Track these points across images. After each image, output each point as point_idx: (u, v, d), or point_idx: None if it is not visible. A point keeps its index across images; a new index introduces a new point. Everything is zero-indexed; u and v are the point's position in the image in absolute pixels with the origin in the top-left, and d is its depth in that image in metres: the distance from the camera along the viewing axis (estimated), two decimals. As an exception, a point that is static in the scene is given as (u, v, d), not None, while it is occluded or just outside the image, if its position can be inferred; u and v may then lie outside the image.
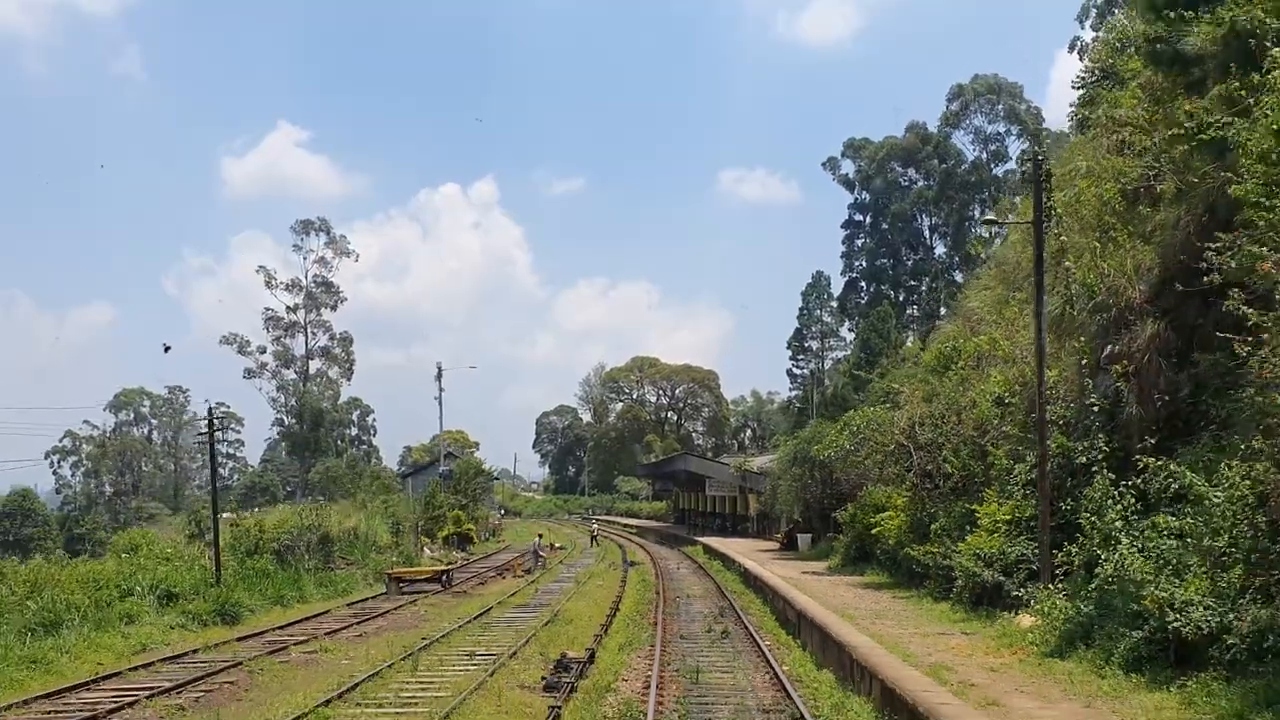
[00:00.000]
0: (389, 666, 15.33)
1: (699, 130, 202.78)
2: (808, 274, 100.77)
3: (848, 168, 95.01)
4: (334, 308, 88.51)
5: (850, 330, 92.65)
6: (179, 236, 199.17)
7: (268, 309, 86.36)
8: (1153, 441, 12.67)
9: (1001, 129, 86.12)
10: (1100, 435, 13.97)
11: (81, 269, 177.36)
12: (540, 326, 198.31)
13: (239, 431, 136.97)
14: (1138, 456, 12.25)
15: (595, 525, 62.26)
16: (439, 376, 63.21)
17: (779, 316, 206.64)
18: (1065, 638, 11.93)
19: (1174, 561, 10.57)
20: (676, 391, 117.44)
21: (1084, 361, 14.33)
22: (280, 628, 21.28)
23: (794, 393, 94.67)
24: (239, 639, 19.42)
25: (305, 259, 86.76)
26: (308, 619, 22.88)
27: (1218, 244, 10.15)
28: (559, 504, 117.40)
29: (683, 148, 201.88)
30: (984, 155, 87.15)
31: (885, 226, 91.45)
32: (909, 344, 49.59)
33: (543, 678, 13.87)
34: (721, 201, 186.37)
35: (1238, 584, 9.55)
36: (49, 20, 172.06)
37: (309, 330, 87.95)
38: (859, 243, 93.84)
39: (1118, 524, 12.38)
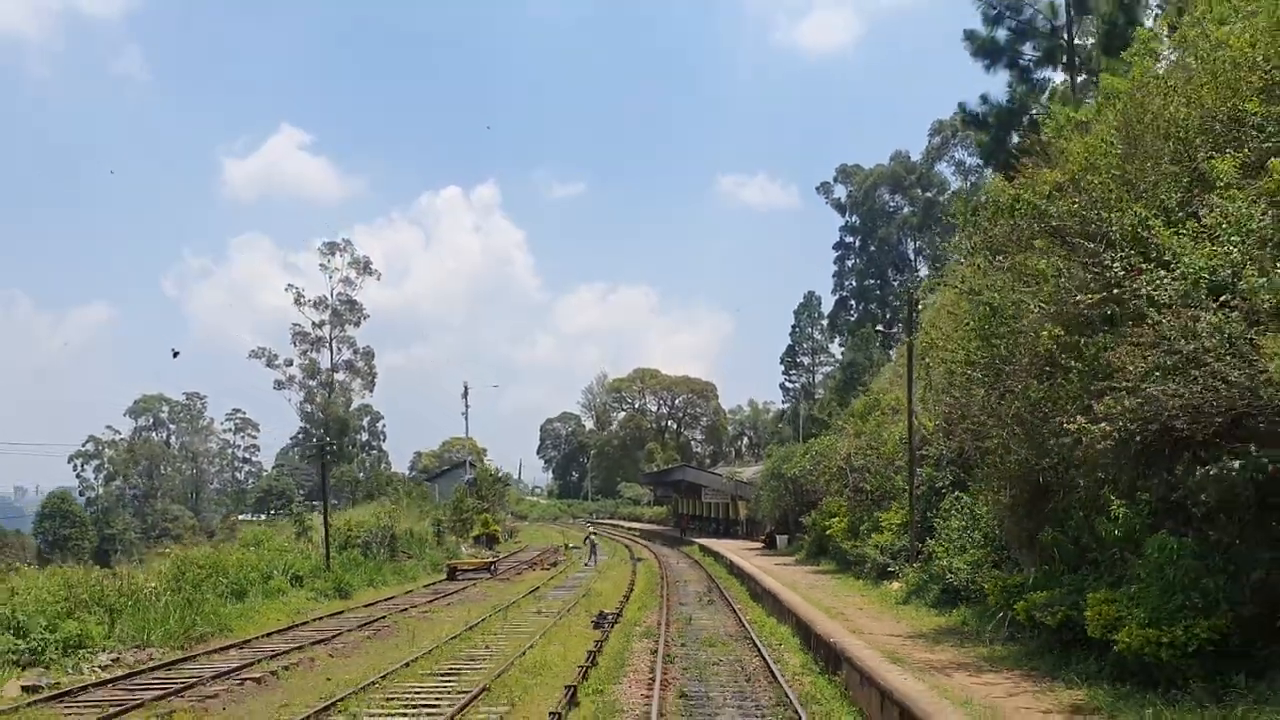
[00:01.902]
0: (485, 619, 23.79)
1: (699, 135, 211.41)
2: (807, 279, 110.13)
3: (840, 192, 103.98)
4: (357, 324, 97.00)
5: (840, 346, 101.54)
6: (179, 237, 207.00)
7: (295, 324, 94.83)
8: (965, 475, 21.15)
9: (981, 162, 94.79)
10: (949, 470, 22.46)
11: (81, 269, 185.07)
12: (540, 328, 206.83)
13: (255, 437, 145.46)
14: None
15: (591, 529, 55.26)
16: (465, 394, 71.96)
17: (778, 319, 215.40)
18: (910, 593, 20.47)
19: (958, 545, 19.03)
20: (676, 401, 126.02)
21: (941, 419, 22.79)
22: (385, 600, 29.76)
23: (786, 405, 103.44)
24: (364, 606, 27.88)
25: (330, 277, 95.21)
26: (400, 595, 31.35)
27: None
28: (563, 508, 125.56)
29: (683, 153, 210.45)
30: (965, 186, 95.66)
31: (873, 249, 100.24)
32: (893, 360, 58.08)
33: (591, 621, 22.32)
34: (721, 207, 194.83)
35: (982, 558, 18.01)
36: (52, 23, 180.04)
37: (334, 345, 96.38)
38: (849, 263, 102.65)
39: (954, 525, 20.82)
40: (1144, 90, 13.00)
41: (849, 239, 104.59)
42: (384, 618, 24.71)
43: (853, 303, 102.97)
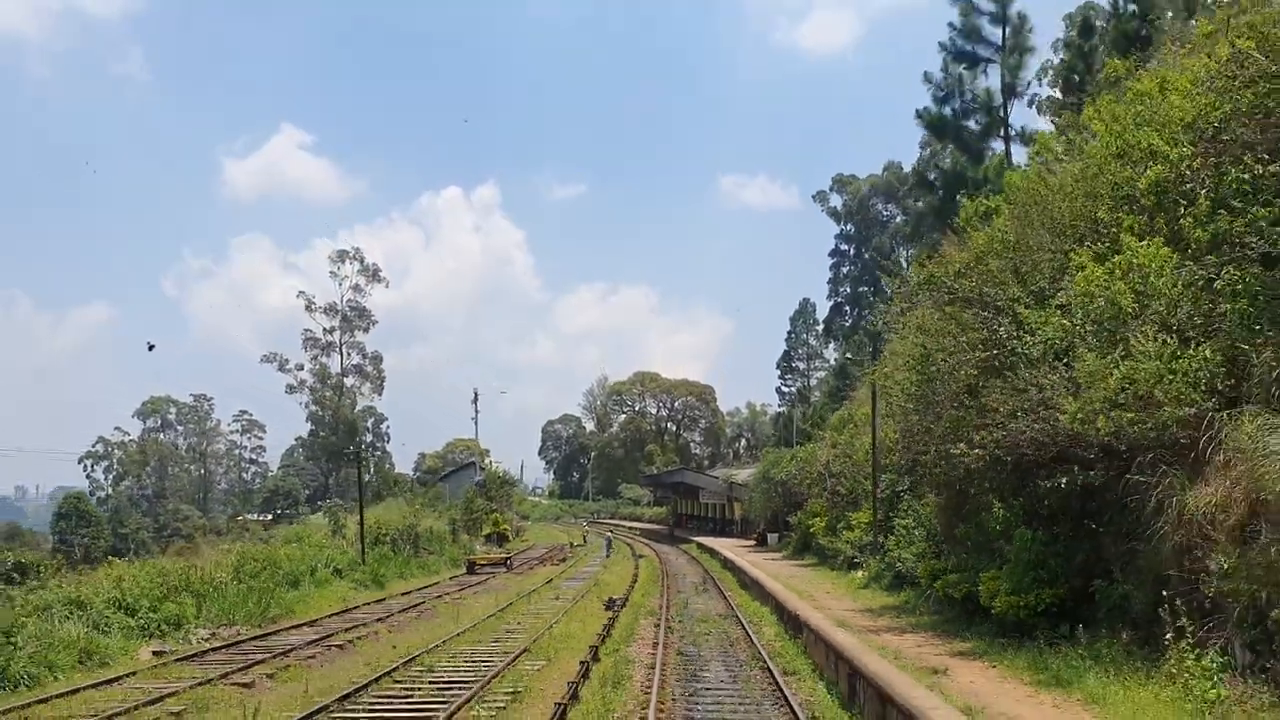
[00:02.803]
0: (512, 604, 28.02)
1: (700, 136, 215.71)
2: (806, 279, 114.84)
3: (835, 200, 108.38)
4: (366, 329, 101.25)
5: (835, 351, 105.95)
6: (179, 237, 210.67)
7: (306, 330, 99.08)
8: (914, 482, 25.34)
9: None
10: (905, 477, 26.68)
11: (81, 269, 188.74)
12: (540, 328, 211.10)
13: (261, 438, 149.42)
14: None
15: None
16: (475, 400, 76.06)
17: (778, 320, 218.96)
18: (870, 579, 24.74)
19: (907, 540, 23.26)
20: (676, 404, 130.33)
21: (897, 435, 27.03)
22: (418, 589, 33.99)
23: (782, 409, 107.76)
24: (400, 594, 32.10)
25: (341, 285, 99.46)
26: (429, 586, 35.56)
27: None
28: (564, 509, 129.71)
29: (683, 153, 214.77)
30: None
31: (868, 256, 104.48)
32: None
33: (603, 605, 26.55)
34: (722, 207, 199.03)
35: (924, 550, 22.24)
36: (52, 23, 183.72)
37: (344, 350, 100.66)
38: (844, 270, 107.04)
39: (905, 523, 25.04)
40: (1034, 189, 17.25)
41: (844, 246, 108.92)
42: (423, 603, 28.96)
43: (847, 308, 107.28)
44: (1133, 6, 34.88)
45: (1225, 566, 10.61)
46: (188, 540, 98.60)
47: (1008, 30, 32.85)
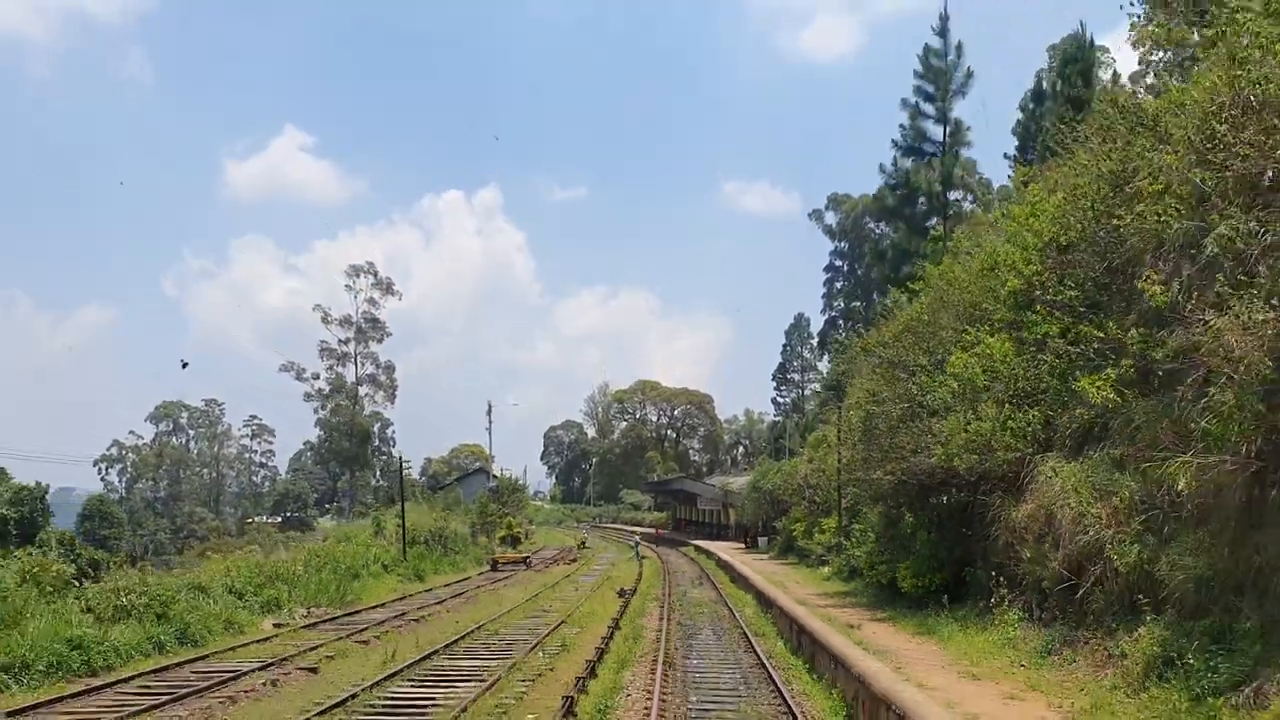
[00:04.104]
0: (540, 593, 34.43)
1: (701, 141, 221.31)
2: (807, 285, 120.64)
3: (830, 219, 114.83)
4: (380, 340, 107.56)
5: (828, 364, 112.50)
6: (179, 238, 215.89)
7: (322, 341, 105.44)
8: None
9: (959, 195, 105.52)
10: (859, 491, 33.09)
11: (81, 269, 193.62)
12: (541, 331, 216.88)
13: (271, 442, 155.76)
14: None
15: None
16: (489, 412, 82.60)
17: (778, 325, 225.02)
18: (833, 573, 31.23)
19: (860, 541, 29.69)
20: (675, 412, 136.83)
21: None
22: (456, 582, 40.43)
23: (778, 418, 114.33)
24: (443, 586, 38.53)
25: (356, 298, 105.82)
26: (463, 580, 42.00)
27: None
28: (566, 513, 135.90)
29: (685, 158, 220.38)
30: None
31: (860, 273, 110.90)
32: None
33: (616, 593, 32.98)
34: (723, 212, 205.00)
35: (872, 549, 28.68)
36: (55, 24, 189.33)
37: (358, 360, 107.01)
38: (838, 286, 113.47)
39: (860, 528, 31.45)
40: (943, 280, 23.72)
41: (838, 263, 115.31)
42: (466, 592, 35.44)
43: (841, 323, 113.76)
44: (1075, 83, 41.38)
45: (1028, 556, 17.03)
46: (203, 541, 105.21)
47: (948, 130, 39.81)
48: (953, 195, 42.79)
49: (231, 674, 17.95)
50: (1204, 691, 10.12)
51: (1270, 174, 11.05)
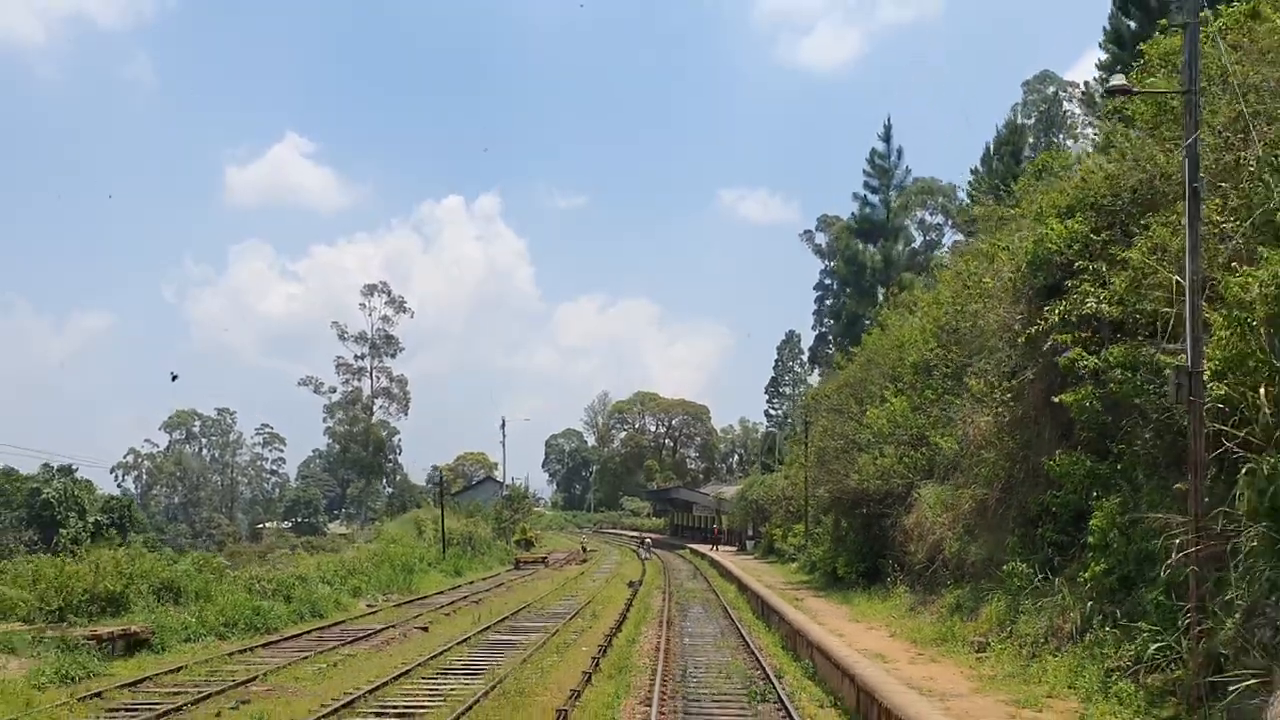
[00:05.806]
0: (563, 585, 43.32)
1: (701, 149, 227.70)
2: (806, 292, 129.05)
3: (820, 239, 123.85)
4: (393, 355, 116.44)
5: (819, 378, 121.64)
6: (179, 244, 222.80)
7: (338, 357, 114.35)
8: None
9: (940, 220, 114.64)
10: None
11: (81, 274, 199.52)
12: (539, 338, 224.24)
13: (281, 450, 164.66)
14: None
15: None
16: (502, 426, 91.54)
17: (778, 333, 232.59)
18: (800, 568, 40.21)
19: (819, 541, 38.60)
20: (673, 422, 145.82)
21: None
22: (491, 577, 49.36)
23: (771, 429, 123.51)
24: (481, 579, 47.42)
25: (370, 315, 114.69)
26: (494, 575, 50.90)
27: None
28: (568, 519, 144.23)
29: (685, 166, 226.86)
30: (924, 241, 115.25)
31: (849, 290, 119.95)
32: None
33: (626, 585, 41.88)
34: (722, 220, 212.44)
35: (829, 547, 37.62)
36: (58, 29, 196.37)
37: (373, 375, 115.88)
38: (827, 303, 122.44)
39: (821, 530, 40.37)
40: (873, 347, 32.71)
41: (828, 281, 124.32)
42: (501, 584, 44.37)
43: (831, 339, 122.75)
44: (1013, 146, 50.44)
45: (911, 550, 25.97)
46: (220, 546, 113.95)
47: (890, 216, 49.20)
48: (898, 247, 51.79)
49: (368, 632, 26.79)
50: (960, 616, 19.11)
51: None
